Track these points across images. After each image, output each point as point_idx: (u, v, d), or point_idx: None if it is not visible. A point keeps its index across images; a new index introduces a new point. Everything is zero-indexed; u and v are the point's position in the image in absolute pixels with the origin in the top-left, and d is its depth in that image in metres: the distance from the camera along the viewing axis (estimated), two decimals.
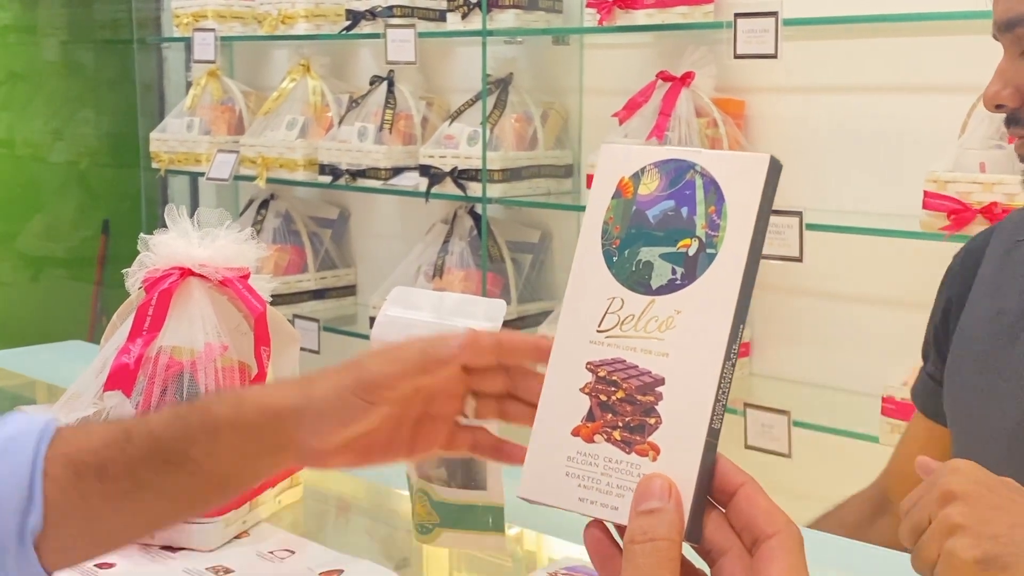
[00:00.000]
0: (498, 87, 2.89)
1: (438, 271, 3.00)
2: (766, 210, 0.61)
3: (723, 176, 0.62)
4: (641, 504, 0.59)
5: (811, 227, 2.21)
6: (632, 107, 2.57)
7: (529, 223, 3.07)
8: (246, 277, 1.15)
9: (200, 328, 1.11)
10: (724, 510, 0.61)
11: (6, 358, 1.92)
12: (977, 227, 2.00)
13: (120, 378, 1.09)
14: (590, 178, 2.42)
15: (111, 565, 1.06)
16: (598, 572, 0.63)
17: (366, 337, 3.06)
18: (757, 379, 2.64)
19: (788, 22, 2.29)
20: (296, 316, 3.22)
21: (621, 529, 0.62)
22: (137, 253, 1.15)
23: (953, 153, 2.08)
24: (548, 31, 2.89)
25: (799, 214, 2.20)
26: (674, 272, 0.62)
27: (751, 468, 0.62)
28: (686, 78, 2.52)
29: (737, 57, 2.34)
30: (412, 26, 2.90)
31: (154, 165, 3.57)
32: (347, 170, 3.07)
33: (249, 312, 1.13)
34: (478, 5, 2.78)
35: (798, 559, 0.59)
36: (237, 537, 1.12)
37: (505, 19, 2.78)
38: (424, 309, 0.96)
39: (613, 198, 0.66)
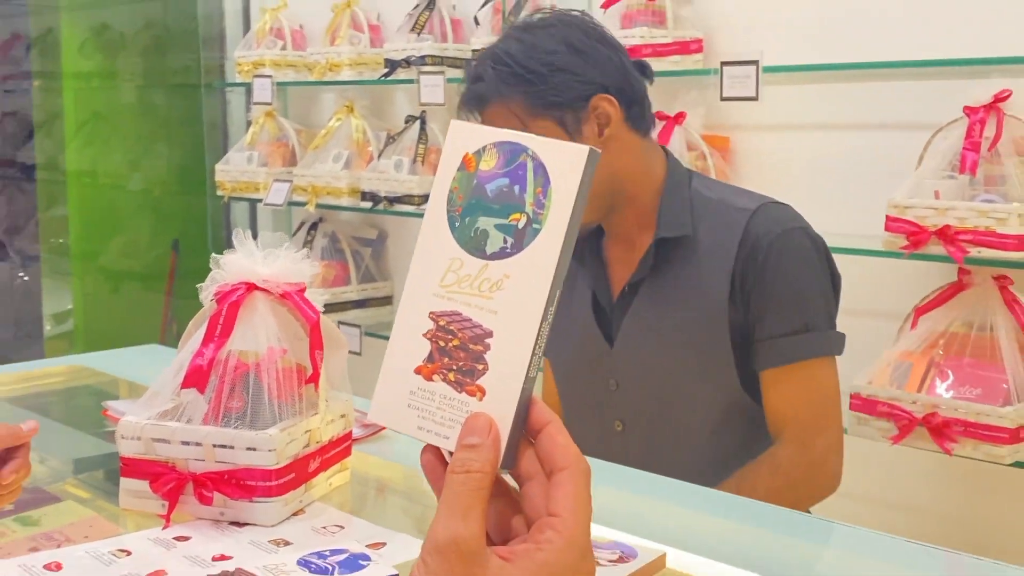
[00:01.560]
0: None
1: None
2: (584, 194, 0.62)
3: (550, 162, 0.63)
4: (465, 438, 0.61)
5: None
6: None
7: None
8: (302, 291, 1.17)
9: (263, 334, 1.13)
10: (533, 444, 0.63)
11: (93, 359, 1.94)
12: (932, 247, 2.02)
13: (195, 378, 1.11)
14: None
15: (187, 538, 1.07)
16: (431, 487, 0.65)
17: None
18: None
19: (768, 69, 2.31)
20: (341, 323, 3.24)
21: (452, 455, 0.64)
22: (203, 268, 1.17)
23: (911, 182, 2.09)
24: None
25: None
26: (505, 241, 0.63)
27: None
28: (679, 117, 2.53)
29: (723, 99, 2.36)
30: (441, 73, 2.93)
31: (219, 193, 3.61)
32: (385, 196, 3.09)
33: (305, 321, 1.15)
34: None
35: (583, 489, 0.61)
36: (295, 514, 1.13)
37: None
38: None
39: (459, 170, 0.66)
